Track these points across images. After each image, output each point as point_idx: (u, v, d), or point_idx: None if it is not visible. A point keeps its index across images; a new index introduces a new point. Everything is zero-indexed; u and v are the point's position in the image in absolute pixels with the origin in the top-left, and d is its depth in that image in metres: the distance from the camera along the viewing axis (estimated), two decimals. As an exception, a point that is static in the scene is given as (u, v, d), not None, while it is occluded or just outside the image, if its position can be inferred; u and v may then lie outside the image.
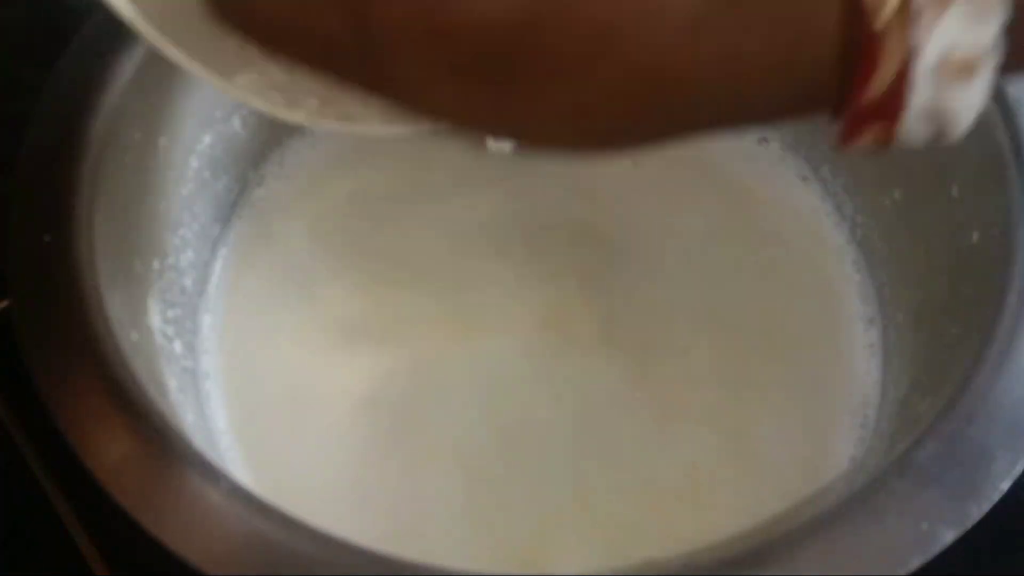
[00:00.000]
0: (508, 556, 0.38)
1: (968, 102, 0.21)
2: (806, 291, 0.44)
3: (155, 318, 0.38)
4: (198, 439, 0.33)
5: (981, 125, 0.34)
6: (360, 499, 0.39)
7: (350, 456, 0.40)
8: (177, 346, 0.39)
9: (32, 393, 0.30)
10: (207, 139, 0.42)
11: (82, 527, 0.41)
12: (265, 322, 0.43)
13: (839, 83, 0.21)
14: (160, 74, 0.38)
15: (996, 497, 0.28)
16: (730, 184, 0.47)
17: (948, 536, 0.27)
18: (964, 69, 0.20)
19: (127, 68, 0.37)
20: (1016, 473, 0.29)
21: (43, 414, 0.30)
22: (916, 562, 0.27)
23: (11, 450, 0.43)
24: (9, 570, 0.41)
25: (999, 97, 0.36)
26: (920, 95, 0.20)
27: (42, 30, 0.37)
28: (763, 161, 0.48)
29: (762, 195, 0.47)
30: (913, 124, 0.21)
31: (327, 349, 0.42)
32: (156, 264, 0.39)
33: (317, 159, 0.48)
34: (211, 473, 0.29)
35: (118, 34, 0.36)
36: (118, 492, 0.28)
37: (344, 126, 0.24)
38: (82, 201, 0.34)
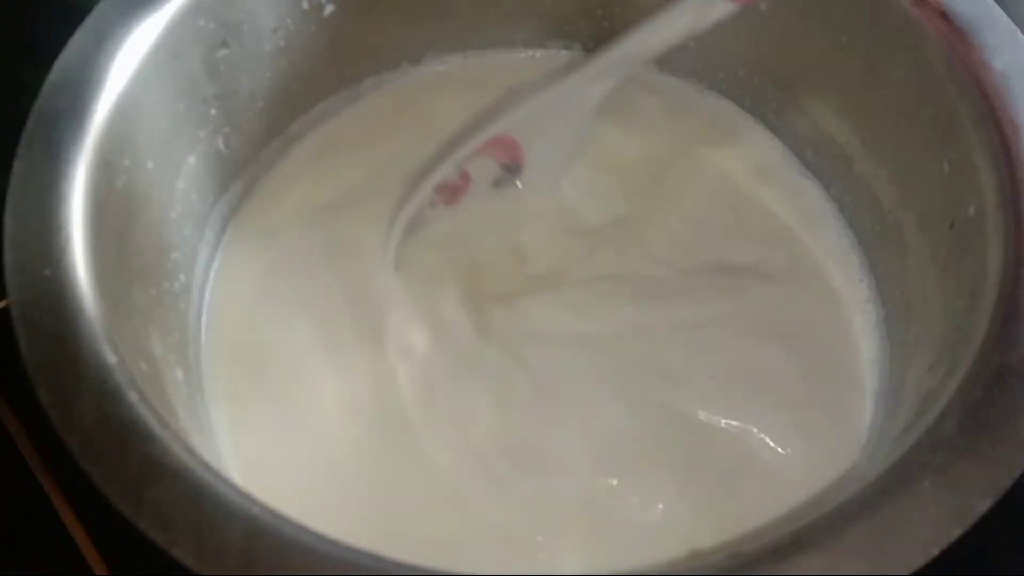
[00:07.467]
0: (507, 557, 0.37)
1: None
2: (808, 280, 0.45)
3: (156, 345, 0.37)
4: (195, 441, 0.33)
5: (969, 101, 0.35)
6: (358, 501, 0.38)
7: (348, 459, 0.39)
8: (179, 373, 0.38)
9: (33, 395, 0.29)
10: (192, 159, 0.41)
11: (82, 528, 0.41)
12: (260, 340, 0.43)
13: None
14: (143, 97, 0.37)
15: (1025, 461, 0.29)
16: (735, 182, 0.48)
17: (984, 504, 0.28)
18: None
19: (111, 93, 0.36)
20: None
21: (43, 415, 0.29)
22: (957, 531, 0.28)
23: (11, 451, 0.43)
24: (9, 571, 0.41)
25: (986, 69, 0.36)
26: None
27: (42, 30, 0.37)
28: (770, 156, 0.49)
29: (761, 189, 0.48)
30: None
31: (323, 359, 0.42)
32: (153, 291, 0.38)
33: (302, 176, 0.47)
34: (210, 476, 0.29)
35: (100, 56, 0.36)
36: (116, 495, 0.28)
37: None
38: (78, 232, 0.33)
